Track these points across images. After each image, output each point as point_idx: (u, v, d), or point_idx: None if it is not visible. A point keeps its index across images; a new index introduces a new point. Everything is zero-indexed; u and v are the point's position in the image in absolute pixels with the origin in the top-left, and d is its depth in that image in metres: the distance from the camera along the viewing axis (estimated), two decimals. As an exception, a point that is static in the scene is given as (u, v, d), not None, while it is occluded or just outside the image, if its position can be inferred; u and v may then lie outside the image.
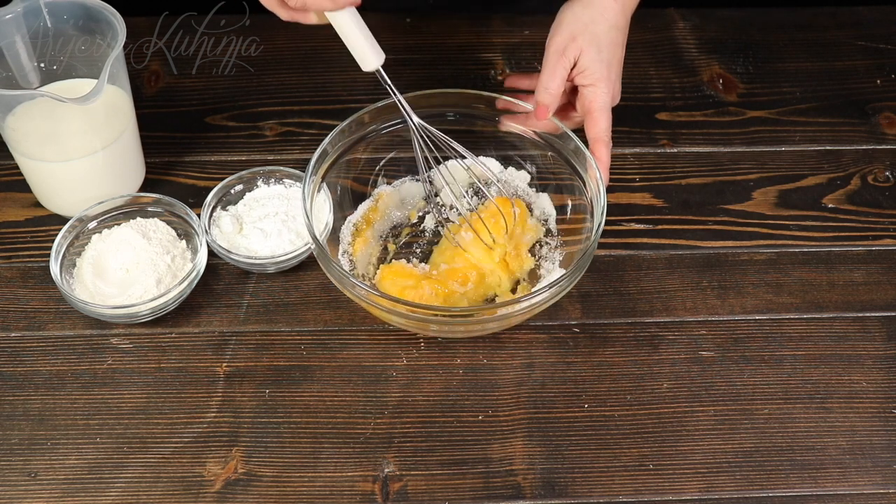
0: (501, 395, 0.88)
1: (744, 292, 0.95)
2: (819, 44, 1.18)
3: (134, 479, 0.83)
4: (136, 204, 0.96)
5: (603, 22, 0.92)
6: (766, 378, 0.90)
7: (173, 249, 0.94)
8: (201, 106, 1.10)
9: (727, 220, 1.01)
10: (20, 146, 0.95)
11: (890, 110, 1.11)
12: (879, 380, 0.90)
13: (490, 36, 1.17)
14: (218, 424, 0.86)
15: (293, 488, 0.83)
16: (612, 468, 0.84)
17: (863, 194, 1.04)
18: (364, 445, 0.85)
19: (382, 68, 0.88)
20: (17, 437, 0.85)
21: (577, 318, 0.93)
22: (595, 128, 0.92)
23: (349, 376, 0.89)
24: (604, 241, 0.98)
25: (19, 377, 0.89)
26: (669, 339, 0.92)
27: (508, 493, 0.83)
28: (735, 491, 0.83)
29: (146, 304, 0.89)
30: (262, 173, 0.99)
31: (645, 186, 1.04)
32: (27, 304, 0.93)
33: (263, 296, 0.94)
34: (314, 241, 0.85)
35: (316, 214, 0.90)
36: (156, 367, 0.89)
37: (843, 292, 0.96)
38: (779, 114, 1.11)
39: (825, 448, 0.86)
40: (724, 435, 0.86)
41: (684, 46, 1.17)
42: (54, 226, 0.97)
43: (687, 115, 1.10)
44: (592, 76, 0.91)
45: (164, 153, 1.05)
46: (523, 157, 0.99)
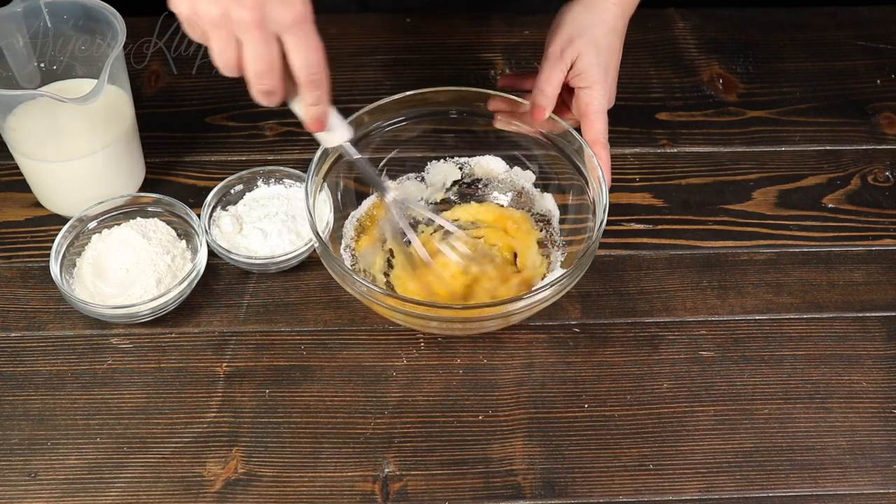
0: (501, 395, 0.88)
1: (744, 292, 0.95)
2: (819, 44, 1.18)
3: (134, 479, 0.83)
4: (136, 204, 0.96)
5: (602, 25, 0.92)
6: (766, 378, 0.90)
7: (173, 249, 0.94)
8: (201, 106, 1.10)
9: (727, 220, 1.01)
10: (20, 146, 0.95)
11: (890, 110, 1.11)
12: (879, 380, 0.90)
13: (490, 36, 1.17)
14: (218, 424, 0.86)
15: (293, 488, 0.83)
16: (612, 468, 0.84)
17: (863, 194, 1.04)
18: (364, 445, 0.85)
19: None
20: (17, 437, 0.85)
21: (577, 318, 0.93)
22: (592, 130, 0.91)
23: (349, 376, 0.89)
24: (604, 241, 0.98)
25: (19, 377, 0.89)
26: (669, 339, 0.92)
27: (508, 493, 0.83)
28: (735, 491, 0.83)
29: (146, 304, 0.89)
30: (262, 173, 0.99)
31: (645, 186, 1.04)
32: (27, 304, 0.93)
33: (263, 296, 0.94)
34: (317, 238, 0.85)
35: (317, 214, 0.90)
36: (156, 367, 0.89)
37: (843, 292, 0.96)
38: (779, 114, 1.11)
39: (825, 448, 0.86)
40: (724, 435, 0.86)
41: (684, 46, 1.17)
42: (54, 226, 0.97)
43: (687, 115, 1.10)
44: (589, 79, 0.91)
45: (164, 153, 1.05)
46: (526, 157, 0.99)
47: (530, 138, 0.96)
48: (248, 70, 0.75)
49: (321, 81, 0.77)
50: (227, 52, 0.74)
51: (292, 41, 0.74)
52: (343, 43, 1.16)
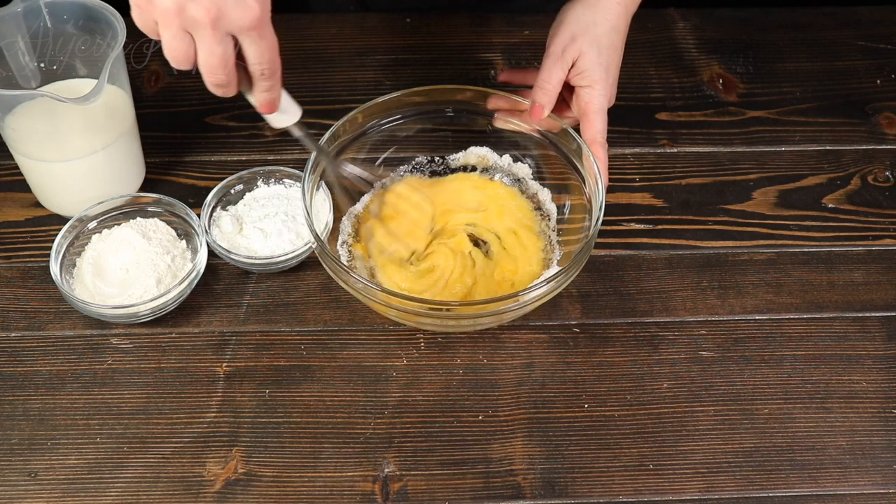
0: (501, 395, 0.88)
1: (744, 292, 0.95)
2: (819, 44, 1.18)
3: (134, 479, 0.83)
4: (136, 204, 0.96)
5: (604, 24, 0.92)
6: (766, 378, 0.90)
7: (173, 249, 0.94)
8: (201, 106, 1.10)
9: (727, 220, 1.01)
10: (20, 146, 0.95)
11: (890, 110, 1.11)
12: (879, 380, 0.90)
13: (490, 36, 1.17)
14: (218, 424, 0.86)
15: (293, 488, 0.83)
16: (612, 468, 0.84)
17: (863, 194, 1.04)
18: (364, 445, 0.85)
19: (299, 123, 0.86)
20: (17, 437, 0.85)
21: (577, 318, 0.93)
22: (591, 129, 0.91)
23: (349, 376, 0.89)
24: (604, 240, 0.98)
25: (19, 377, 0.89)
26: (669, 339, 0.92)
27: (508, 493, 0.83)
28: (735, 491, 0.83)
29: (146, 304, 0.89)
30: (262, 173, 0.99)
31: (645, 186, 1.04)
32: (27, 304, 0.93)
33: (263, 296, 0.94)
34: (313, 235, 0.85)
35: (316, 214, 0.90)
36: (156, 367, 0.89)
37: (843, 292, 0.96)
38: (779, 114, 1.11)
39: (825, 448, 0.86)
40: (724, 435, 0.86)
41: (684, 46, 1.17)
42: (54, 226, 0.97)
43: (687, 115, 1.10)
44: (590, 78, 0.91)
45: (164, 153, 1.05)
46: (524, 155, 0.99)
47: (529, 137, 0.96)
48: (202, 64, 0.75)
49: (274, 72, 0.78)
50: (179, 45, 0.74)
51: (247, 41, 0.75)
52: (343, 43, 1.16)
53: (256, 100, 0.81)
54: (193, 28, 0.73)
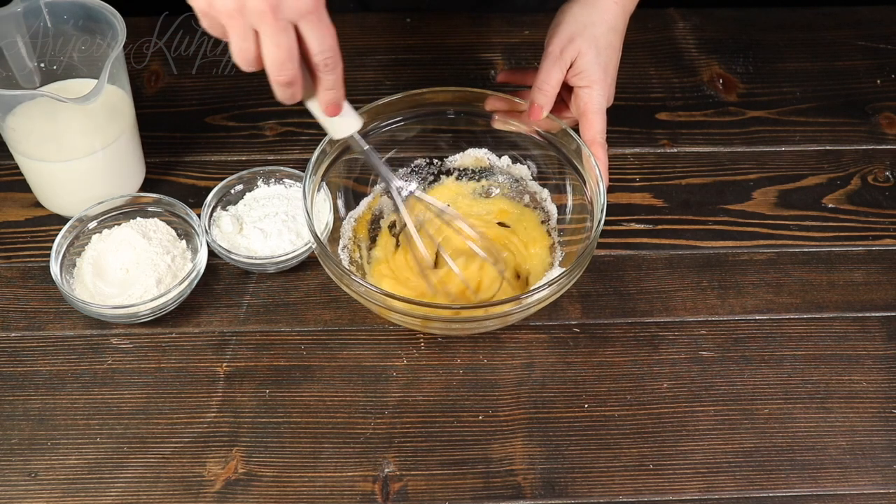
0: (501, 395, 0.88)
1: (744, 292, 0.95)
2: (819, 44, 1.18)
3: (134, 479, 0.83)
4: (136, 204, 0.96)
5: (602, 24, 0.92)
6: (766, 378, 0.90)
7: (173, 249, 0.94)
8: (201, 106, 1.10)
9: (727, 220, 1.01)
10: (20, 146, 0.95)
11: (890, 110, 1.11)
12: (879, 380, 0.90)
13: (490, 36, 1.17)
14: (218, 424, 0.86)
15: (293, 488, 0.83)
16: (612, 468, 0.84)
17: (863, 194, 1.04)
18: (364, 445, 0.85)
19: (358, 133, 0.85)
20: (17, 437, 0.85)
21: (577, 318, 0.93)
22: (590, 130, 0.91)
23: (349, 376, 0.89)
24: (604, 240, 0.98)
25: (19, 377, 0.89)
26: (669, 339, 0.92)
27: (508, 493, 0.83)
28: (735, 491, 0.83)
29: (146, 304, 0.89)
30: (262, 173, 0.99)
31: (645, 186, 1.04)
32: (27, 304, 0.93)
33: (263, 296, 0.94)
34: (314, 239, 0.85)
35: (316, 214, 0.90)
36: (156, 367, 0.89)
37: (843, 292, 0.96)
38: (779, 114, 1.11)
39: (825, 448, 0.86)
40: (724, 435, 0.86)
41: (684, 46, 1.17)
42: (54, 226, 0.97)
43: (687, 115, 1.10)
44: (589, 78, 0.91)
45: (164, 153, 1.05)
46: (524, 156, 0.99)
47: (528, 138, 0.96)
48: (267, 60, 0.75)
49: (336, 64, 0.78)
50: (246, 44, 0.74)
51: (308, 27, 0.74)
52: (343, 43, 1.15)
53: (320, 100, 0.80)
54: (257, 22, 0.73)
